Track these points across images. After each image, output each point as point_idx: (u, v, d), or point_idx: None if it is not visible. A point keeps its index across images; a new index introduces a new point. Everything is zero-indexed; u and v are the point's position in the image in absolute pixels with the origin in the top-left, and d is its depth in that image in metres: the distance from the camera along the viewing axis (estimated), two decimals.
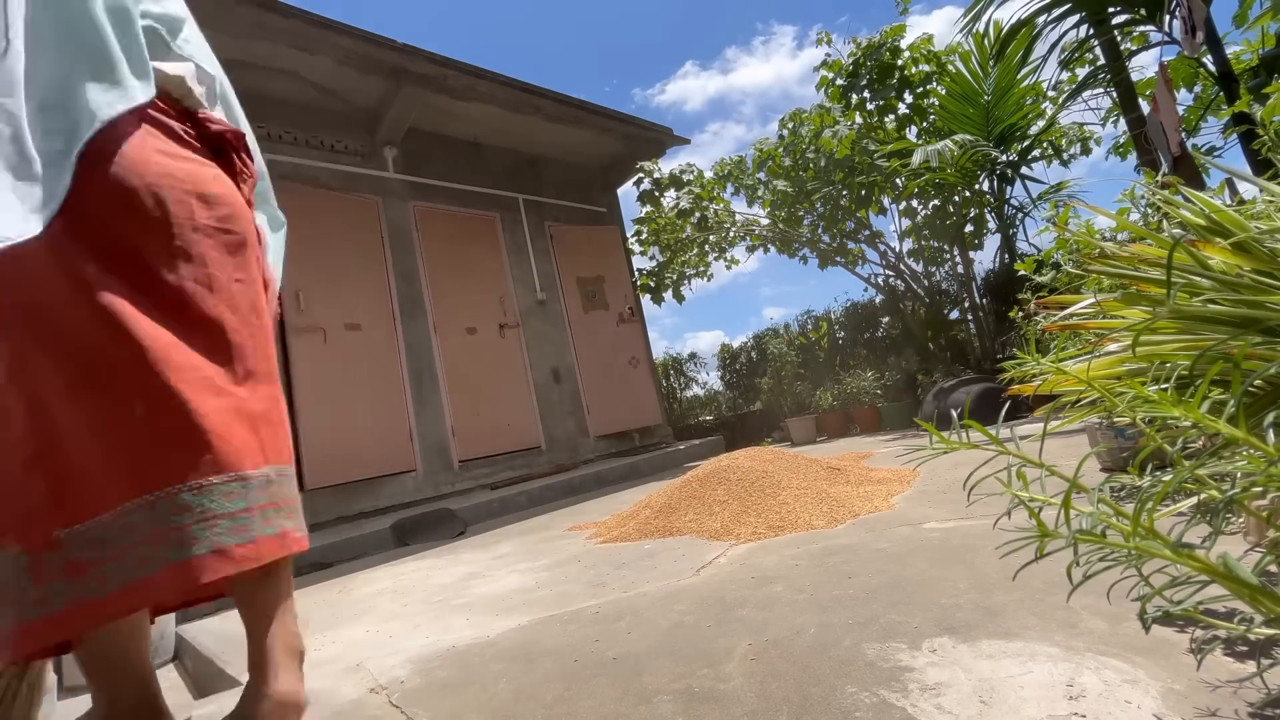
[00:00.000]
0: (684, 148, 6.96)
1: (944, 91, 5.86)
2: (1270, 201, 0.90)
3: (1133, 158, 5.63)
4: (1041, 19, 4.18)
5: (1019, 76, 5.34)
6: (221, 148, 1.03)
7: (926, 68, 6.04)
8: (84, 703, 1.63)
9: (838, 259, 6.45)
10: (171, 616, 1.94)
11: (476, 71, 4.86)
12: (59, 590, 0.75)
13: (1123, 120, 4.47)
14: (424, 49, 4.53)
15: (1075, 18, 4.07)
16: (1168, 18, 3.66)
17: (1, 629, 0.76)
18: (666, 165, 6.11)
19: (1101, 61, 4.43)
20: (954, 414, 0.82)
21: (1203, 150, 4.83)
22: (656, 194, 5.98)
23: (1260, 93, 3.12)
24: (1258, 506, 0.81)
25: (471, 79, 4.85)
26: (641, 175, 5.95)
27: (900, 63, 5.98)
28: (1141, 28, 4.04)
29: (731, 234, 6.22)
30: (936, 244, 6.28)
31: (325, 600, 2.08)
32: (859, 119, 6.10)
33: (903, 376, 5.75)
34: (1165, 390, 0.63)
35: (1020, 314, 2.55)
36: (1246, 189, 2.09)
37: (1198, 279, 0.77)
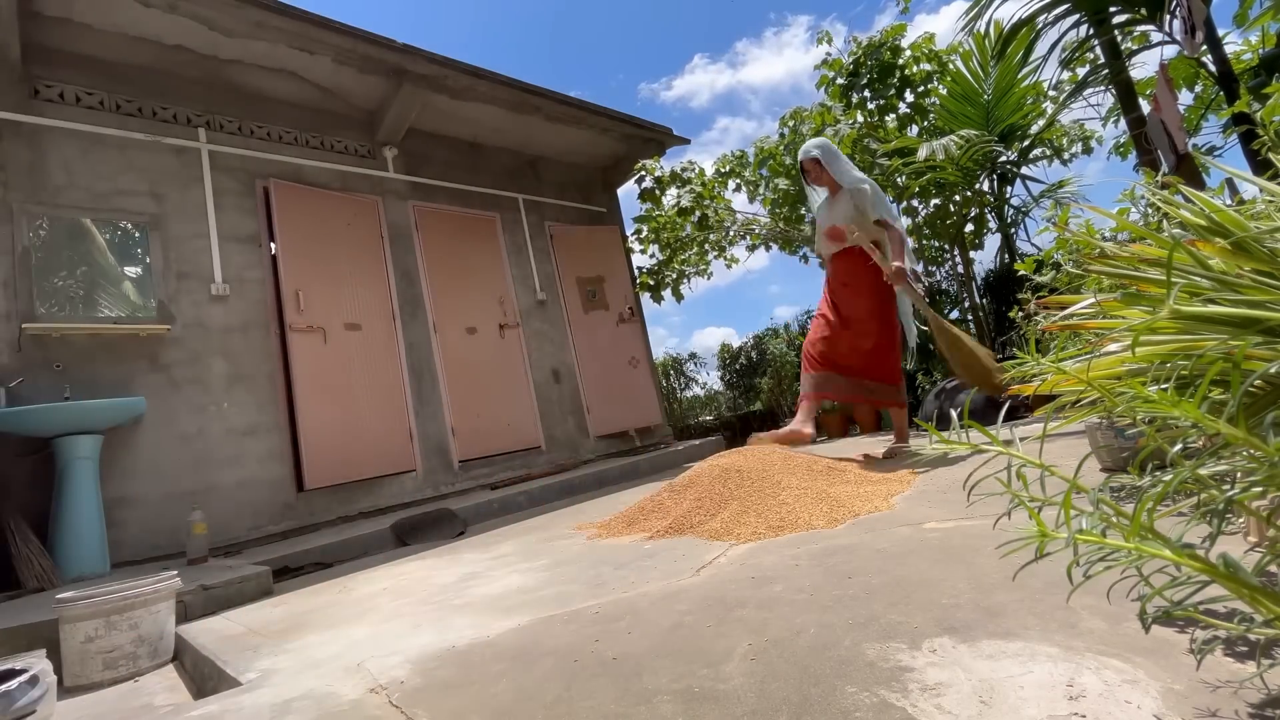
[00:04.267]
0: (685, 147, 6.94)
1: (945, 91, 5.85)
2: (1270, 201, 0.89)
3: (1133, 157, 5.62)
4: (1042, 19, 4.18)
5: (1019, 76, 5.34)
6: None
7: (927, 67, 6.04)
8: (83, 703, 1.64)
9: None
10: (171, 616, 1.94)
11: (476, 71, 4.86)
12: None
13: (1123, 120, 4.46)
14: (424, 49, 4.53)
15: (1075, 17, 4.06)
16: (1168, 17, 3.66)
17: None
18: (668, 164, 6.09)
19: (1101, 61, 4.42)
20: (954, 414, 0.82)
21: (1203, 150, 4.83)
22: (657, 192, 5.97)
23: (1260, 93, 3.12)
24: (1258, 506, 0.81)
25: (471, 79, 4.84)
26: (643, 173, 5.94)
27: (901, 62, 5.97)
28: (1141, 27, 4.04)
29: (732, 233, 6.21)
30: (937, 244, 6.27)
31: (325, 600, 2.09)
32: (860, 118, 6.10)
33: (903, 376, 5.74)
34: (1165, 390, 0.63)
35: (1020, 314, 2.55)
36: (1247, 189, 2.09)
37: (1198, 279, 0.77)
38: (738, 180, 6.73)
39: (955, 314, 6.39)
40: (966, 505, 1.72)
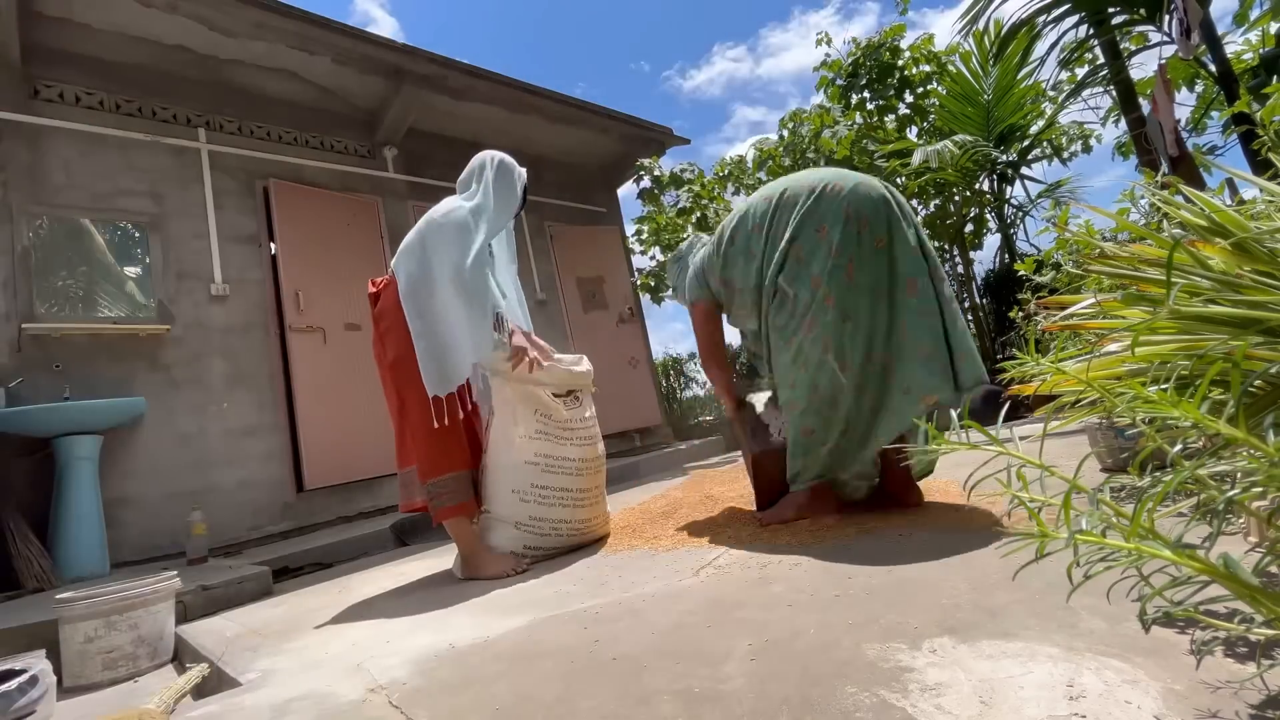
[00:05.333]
0: (689, 145, 6.94)
1: (944, 91, 5.86)
2: (1270, 201, 0.90)
3: (1133, 157, 5.63)
4: (1041, 19, 4.18)
5: (1019, 76, 5.34)
6: None
7: (927, 68, 6.04)
8: (83, 703, 1.64)
9: None
10: (171, 617, 1.94)
11: (476, 71, 4.86)
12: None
13: (1123, 120, 4.46)
14: (423, 49, 4.53)
15: (1075, 18, 4.07)
16: (1167, 18, 3.66)
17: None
18: (669, 164, 6.10)
19: (1101, 61, 4.43)
20: (953, 414, 0.82)
21: (1203, 150, 4.83)
22: (656, 192, 5.97)
23: (1260, 93, 3.12)
24: (1258, 507, 0.81)
25: (471, 79, 4.84)
26: (642, 173, 5.94)
27: (900, 63, 5.97)
28: (1140, 28, 4.04)
29: None
30: (937, 244, 6.28)
31: (325, 600, 2.08)
32: (859, 119, 6.10)
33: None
34: (1165, 390, 0.63)
35: (1020, 314, 2.55)
36: (1248, 189, 2.09)
37: (1198, 279, 0.77)
38: (735, 185, 6.73)
39: None
40: (966, 506, 1.72)
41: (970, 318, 6.05)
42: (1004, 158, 5.57)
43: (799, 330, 1.76)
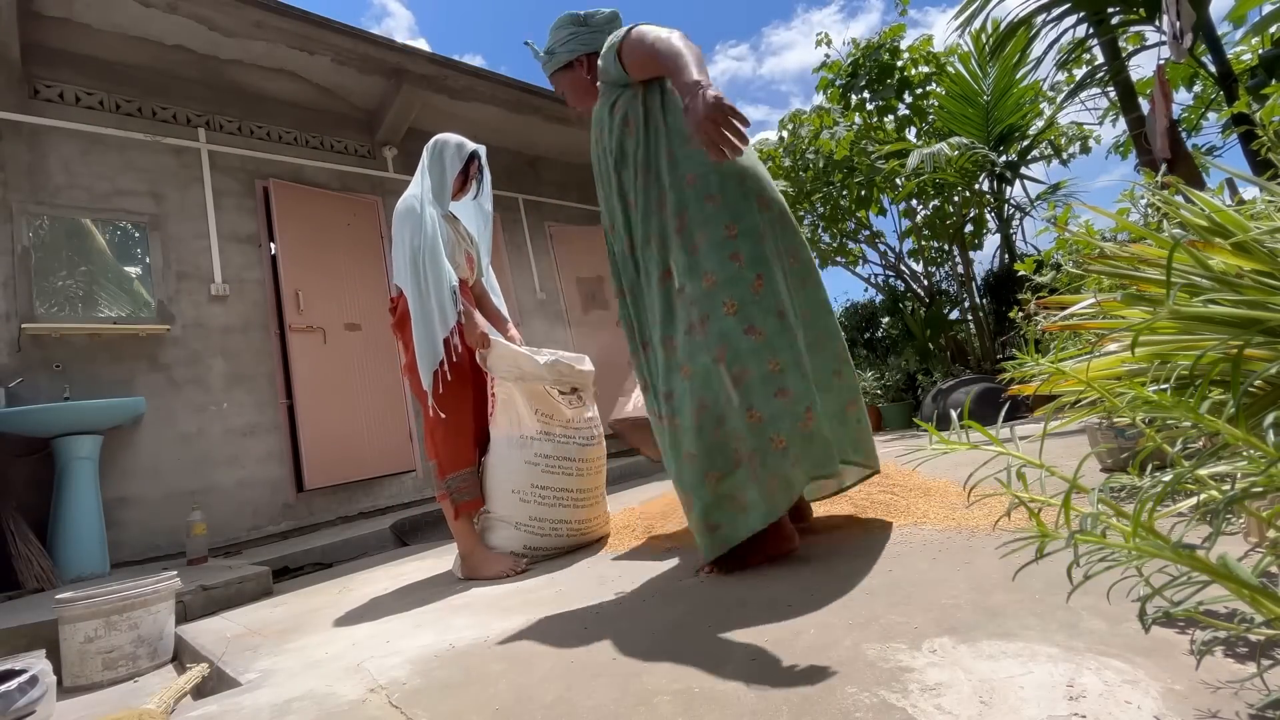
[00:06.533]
0: None
1: (943, 92, 5.85)
2: (1270, 201, 0.90)
3: (1133, 157, 5.63)
4: (1040, 19, 4.18)
5: (1018, 76, 5.34)
6: None
7: (926, 68, 6.04)
8: (83, 703, 1.64)
9: (838, 259, 6.46)
10: (171, 617, 1.94)
11: (476, 71, 4.86)
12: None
13: (1123, 120, 4.46)
14: (423, 49, 4.53)
15: (1074, 17, 4.06)
16: (1165, 18, 3.66)
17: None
18: None
19: (1100, 61, 4.43)
20: (953, 414, 0.82)
21: (1203, 150, 4.83)
22: None
23: (1259, 93, 3.12)
24: (1258, 507, 0.81)
25: (471, 79, 4.84)
26: None
27: (900, 64, 5.97)
28: (1138, 28, 4.04)
29: None
30: (936, 244, 6.27)
31: (325, 600, 2.08)
32: (858, 119, 6.10)
33: (903, 376, 5.72)
34: (1165, 390, 0.63)
35: (1020, 314, 2.55)
36: (1248, 189, 2.09)
37: (1198, 279, 0.77)
38: None
39: (955, 314, 6.38)
40: (966, 505, 1.72)
41: (970, 318, 6.05)
42: (1002, 159, 5.57)
43: None
